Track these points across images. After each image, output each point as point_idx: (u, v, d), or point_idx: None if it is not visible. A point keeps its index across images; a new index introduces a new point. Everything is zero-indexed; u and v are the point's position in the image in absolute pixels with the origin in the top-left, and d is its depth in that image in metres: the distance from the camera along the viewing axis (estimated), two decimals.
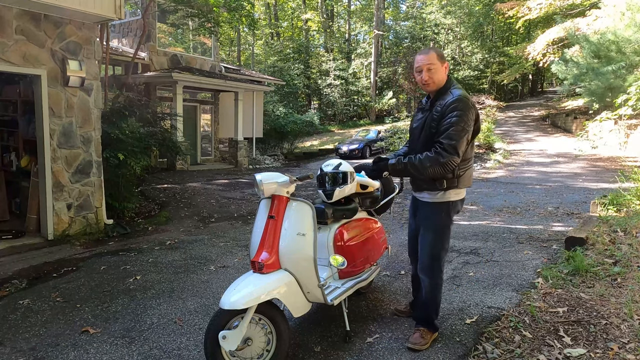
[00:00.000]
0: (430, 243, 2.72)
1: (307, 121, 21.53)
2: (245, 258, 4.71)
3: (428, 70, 2.62)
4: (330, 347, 2.79)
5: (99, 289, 3.90)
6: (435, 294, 2.76)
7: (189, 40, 15.56)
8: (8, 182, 6.40)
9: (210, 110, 15.69)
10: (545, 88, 40.06)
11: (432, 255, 2.72)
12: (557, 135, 18.86)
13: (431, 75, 2.62)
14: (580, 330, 2.83)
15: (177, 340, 2.93)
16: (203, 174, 11.92)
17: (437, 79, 2.64)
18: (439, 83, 2.65)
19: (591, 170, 11.16)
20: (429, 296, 2.76)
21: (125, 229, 6.08)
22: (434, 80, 2.63)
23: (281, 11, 36.24)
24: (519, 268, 4.16)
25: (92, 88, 5.77)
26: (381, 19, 30.44)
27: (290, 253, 2.51)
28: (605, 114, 8.80)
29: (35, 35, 5.15)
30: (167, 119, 9.86)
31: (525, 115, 26.34)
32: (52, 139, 5.42)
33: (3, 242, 5.16)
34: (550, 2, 17.92)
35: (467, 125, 2.52)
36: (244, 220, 6.82)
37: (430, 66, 2.61)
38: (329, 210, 3.02)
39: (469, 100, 2.57)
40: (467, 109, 2.53)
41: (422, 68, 2.64)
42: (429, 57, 2.62)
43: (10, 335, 3.05)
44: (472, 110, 2.57)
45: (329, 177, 3.09)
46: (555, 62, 16.76)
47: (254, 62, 33.86)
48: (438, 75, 2.63)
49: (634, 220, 4.84)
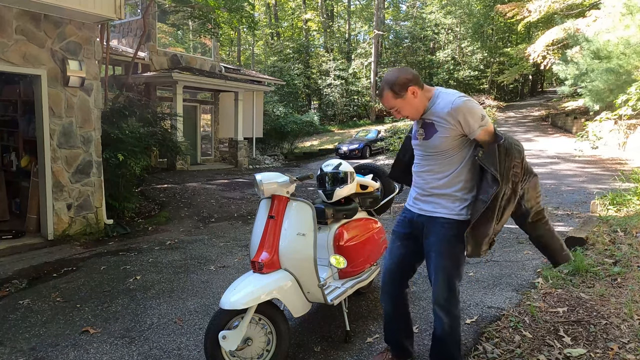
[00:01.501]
0: (447, 272, 2.20)
1: (307, 121, 21.54)
2: (245, 258, 4.71)
3: (396, 112, 2.21)
4: (330, 347, 2.79)
5: (99, 289, 3.90)
6: (456, 329, 2.29)
7: (189, 40, 15.57)
8: (8, 182, 6.40)
9: (210, 110, 15.69)
10: (546, 88, 40.06)
11: (449, 286, 2.22)
12: (557, 136, 18.85)
13: (401, 112, 2.20)
14: (580, 330, 2.82)
15: (177, 340, 2.93)
16: (203, 174, 11.92)
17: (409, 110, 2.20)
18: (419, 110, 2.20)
19: (591, 170, 11.16)
20: (449, 331, 2.27)
21: (125, 229, 6.08)
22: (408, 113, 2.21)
23: (281, 11, 36.23)
24: (519, 268, 4.16)
25: (92, 88, 5.77)
26: (381, 19, 30.44)
27: (290, 253, 2.51)
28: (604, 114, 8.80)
29: (35, 35, 5.15)
30: (167, 119, 9.86)
31: (525, 115, 26.33)
32: (52, 139, 5.42)
33: (3, 242, 5.16)
34: (550, 4, 17.91)
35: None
36: (244, 220, 6.82)
37: (393, 106, 2.19)
38: (329, 210, 3.03)
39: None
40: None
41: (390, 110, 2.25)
42: (383, 99, 2.19)
43: (10, 335, 3.05)
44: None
45: (329, 177, 3.09)
46: (556, 63, 16.76)
47: (254, 62, 33.88)
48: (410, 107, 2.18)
49: (634, 220, 4.84)
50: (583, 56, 14.59)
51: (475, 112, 2.07)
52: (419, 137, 2.27)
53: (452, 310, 2.25)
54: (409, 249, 2.38)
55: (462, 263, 2.24)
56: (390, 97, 2.15)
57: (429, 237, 2.25)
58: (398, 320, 2.49)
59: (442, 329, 2.28)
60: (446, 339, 2.29)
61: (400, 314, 2.48)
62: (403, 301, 2.47)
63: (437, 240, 2.21)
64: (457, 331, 2.31)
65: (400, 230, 2.42)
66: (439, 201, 2.20)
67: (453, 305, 2.25)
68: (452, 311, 2.25)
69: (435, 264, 2.22)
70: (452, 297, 2.23)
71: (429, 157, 2.25)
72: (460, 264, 2.23)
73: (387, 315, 2.51)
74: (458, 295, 2.27)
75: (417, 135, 2.29)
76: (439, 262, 2.21)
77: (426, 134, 2.22)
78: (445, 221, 2.18)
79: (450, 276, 2.21)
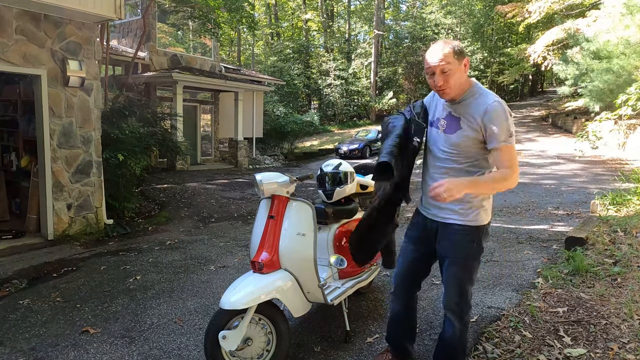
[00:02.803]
0: (460, 277, 2.18)
1: (307, 121, 21.52)
2: (245, 258, 4.71)
3: (444, 75, 2.00)
4: (330, 347, 2.79)
5: (99, 289, 3.90)
6: (465, 334, 2.29)
7: (189, 40, 15.57)
8: (8, 182, 6.40)
9: (210, 110, 15.69)
10: (546, 88, 40.07)
11: (461, 292, 2.19)
12: (558, 136, 18.85)
13: (448, 78, 2.00)
14: (580, 330, 2.82)
15: (177, 340, 2.93)
16: (203, 174, 11.92)
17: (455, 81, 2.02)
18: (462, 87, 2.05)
19: (591, 170, 11.16)
20: (459, 337, 2.26)
21: (125, 229, 6.08)
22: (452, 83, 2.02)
23: (281, 11, 36.24)
24: (519, 268, 4.16)
25: (92, 88, 5.77)
26: (381, 19, 30.44)
27: (290, 253, 2.51)
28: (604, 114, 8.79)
29: (35, 35, 5.15)
30: (167, 119, 9.86)
31: (526, 115, 26.34)
32: (52, 139, 5.42)
33: (3, 242, 5.16)
34: (549, 5, 17.92)
35: None
36: (244, 220, 6.82)
37: (448, 65, 1.98)
38: (329, 210, 3.03)
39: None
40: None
41: (433, 70, 2.03)
42: (443, 55, 1.98)
43: (10, 335, 3.05)
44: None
45: (329, 177, 3.10)
46: (556, 63, 16.76)
47: (254, 62, 33.86)
48: (458, 77, 2.02)
49: (634, 220, 4.84)
50: (583, 56, 14.61)
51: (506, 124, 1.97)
52: (441, 128, 2.15)
53: (464, 315, 2.23)
54: (420, 253, 2.33)
55: (476, 269, 2.21)
56: (451, 55, 1.98)
57: (442, 242, 2.20)
58: (404, 323, 2.47)
59: (452, 334, 2.25)
60: (455, 345, 2.27)
61: (408, 316, 2.46)
62: (413, 304, 2.47)
63: (450, 246, 2.17)
64: (465, 337, 2.29)
65: (413, 233, 2.37)
66: (452, 207, 2.12)
67: (464, 311, 2.22)
68: (463, 317, 2.22)
69: (448, 270, 2.19)
70: (463, 302, 2.20)
71: (444, 157, 2.14)
72: (474, 270, 2.20)
73: (395, 317, 2.47)
74: (470, 300, 2.23)
75: (438, 125, 2.17)
76: (452, 267, 2.18)
77: (447, 127, 2.11)
78: (460, 227, 2.13)
79: (462, 281, 2.18)
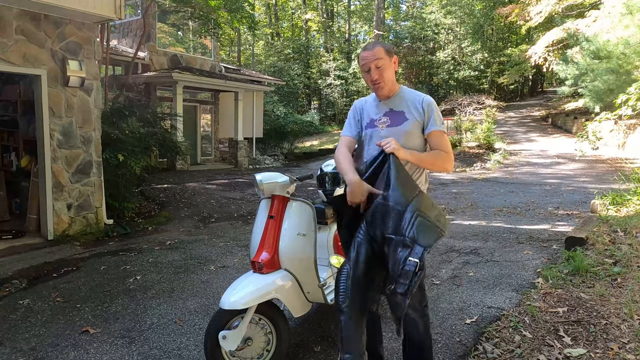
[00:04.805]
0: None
1: (307, 121, 21.54)
2: (245, 258, 4.71)
3: (379, 70, 2.16)
4: (330, 347, 2.79)
5: (99, 289, 3.90)
6: (429, 328, 2.26)
7: (189, 40, 15.57)
8: (8, 182, 6.40)
9: (210, 110, 15.69)
10: (546, 88, 40.02)
11: (420, 285, 2.16)
12: (557, 136, 18.84)
13: (383, 72, 2.17)
14: (580, 330, 2.83)
15: (177, 340, 2.93)
16: (203, 174, 11.92)
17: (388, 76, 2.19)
18: (393, 84, 2.23)
19: (591, 170, 11.16)
20: (426, 336, 2.23)
21: (125, 229, 6.08)
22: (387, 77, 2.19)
23: (281, 11, 36.23)
24: (519, 268, 4.16)
25: (92, 88, 5.77)
26: (381, 19, 30.40)
27: (290, 253, 2.51)
28: (604, 114, 8.79)
29: (35, 35, 5.15)
30: (167, 119, 9.85)
31: (526, 115, 26.32)
32: (52, 139, 5.42)
33: (3, 242, 5.16)
34: (550, 8, 17.95)
35: None
36: (244, 220, 6.82)
37: (381, 60, 2.15)
38: (329, 210, 3.02)
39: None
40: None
41: (369, 65, 2.18)
42: (374, 51, 2.16)
43: (10, 335, 3.05)
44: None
45: (329, 177, 3.10)
46: (556, 63, 16.78)
47: (254, 62, 33.85)
48: (390, 73, 2.20)
49: (634, 220, 4.84)
50: (583, 56, 14.61)
51: (439, 113, 2.23)
52: (380, 125, 2.23)
53: (425, 310, 2.22)
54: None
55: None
56: (383, 52, 2.17)
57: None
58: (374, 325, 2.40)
59: (417, 333, 2.21)
60: (424, 341, 2.24)
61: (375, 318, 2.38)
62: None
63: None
64: (430, 330, 2.28)
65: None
66: None
67: (425, 306, 2.22)
68: (424, 312, 2.22)
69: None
70: (423, 297, 2.22)
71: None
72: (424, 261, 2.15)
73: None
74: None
75: (377, 124, 2.24)
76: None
77: (392, 121, 2.21)
78: None
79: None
